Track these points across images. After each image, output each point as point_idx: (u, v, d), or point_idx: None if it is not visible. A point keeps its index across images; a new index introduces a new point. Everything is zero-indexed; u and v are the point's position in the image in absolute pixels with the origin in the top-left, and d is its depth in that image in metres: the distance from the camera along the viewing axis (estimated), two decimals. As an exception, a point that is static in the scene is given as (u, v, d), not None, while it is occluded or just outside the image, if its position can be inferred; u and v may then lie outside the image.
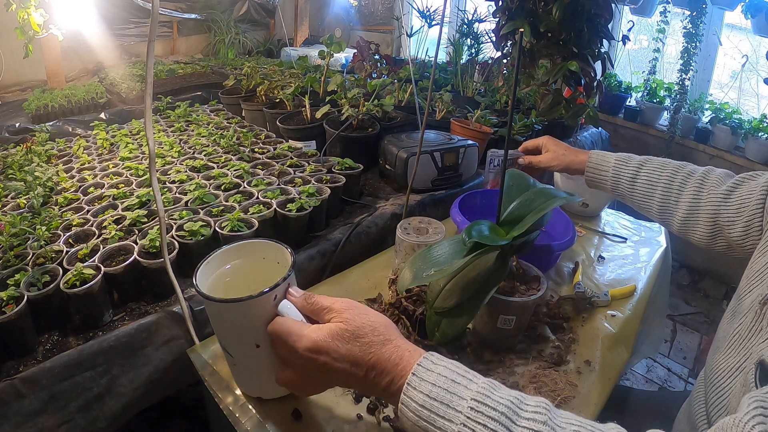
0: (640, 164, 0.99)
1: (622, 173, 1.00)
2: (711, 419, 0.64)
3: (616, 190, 1.02)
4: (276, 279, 0.59)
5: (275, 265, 0.67)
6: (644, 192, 0.97)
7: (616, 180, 1.01)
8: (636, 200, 0.99)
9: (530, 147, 1.15)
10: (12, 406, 0.72)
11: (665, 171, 0.95)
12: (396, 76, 2.01)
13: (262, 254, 0.69)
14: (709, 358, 0.70)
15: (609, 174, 1.01)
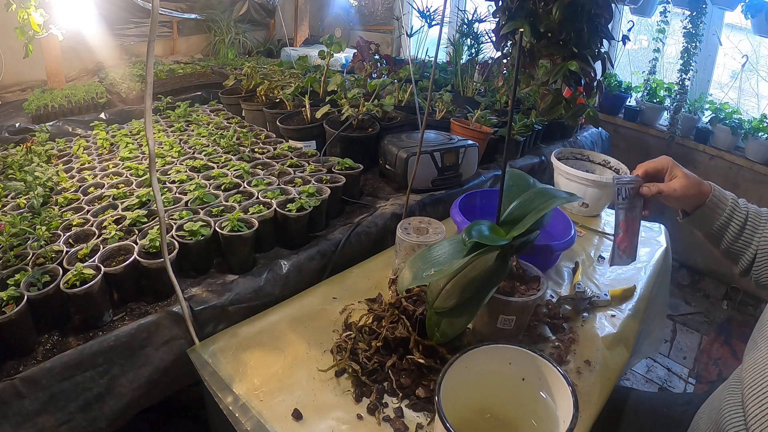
0: (746, 208, 0.90)
1: (735, 214, 0.88)
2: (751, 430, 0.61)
3: (716, 231, 0.90)
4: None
5: (519, 381, 0.55)
6: (745, 239, 0.87)
7: (728, 220, 0.88)
8: (731, 246, 0.89)
9: (651, 171, 0.90)
10: (12, 406, 0.72)
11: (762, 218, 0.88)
12: (396, 76, 2.00)
13: (508, 360, 0.57)
14: (747, 370, 0.66)
15: (725, 213, 0.88)
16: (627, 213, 0.90)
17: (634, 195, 0.90)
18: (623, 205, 0.90)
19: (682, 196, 0.88)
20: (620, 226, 0.91)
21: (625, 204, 0.90)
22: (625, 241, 0.91)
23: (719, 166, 2.62)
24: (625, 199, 0.90)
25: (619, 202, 0.90)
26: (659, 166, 0.91)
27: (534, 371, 0.54)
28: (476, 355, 0.56)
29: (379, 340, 0.80)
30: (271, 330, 0.90)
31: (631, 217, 0.91)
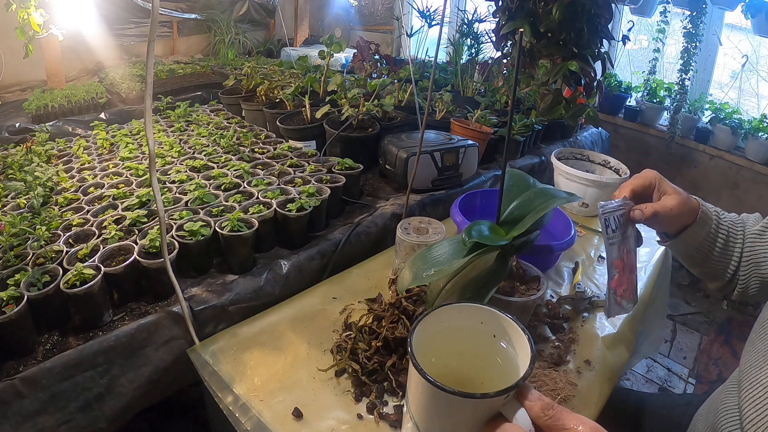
0: (726, 218, 0.83)
1: (721, 228, 0.80)
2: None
3: (703, 249, 0.81)
4: (506, 368, 0.53)
5: (490, 338, 0.59)
6: (728, 252, 0.81)
7: (714, 235, 0.80)
8: (717, 262, 0.81)
9: (638, 190, 0.78)
10: (12, 406, 0.72)
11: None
12: (396, 76, 2.00)
13: (480, 319, 0.60)
14: (744, 372, 0.65)
15: (712, 228, 0.80)
16: (620, 247, 0.73)
17: (624, 222, 0.74)
18: (615, 239, 0.73)
19: (677, 215, 0.77)
20: (614, 266, 0.73)
21: (617, 237, 0.73)
22: (623, 283, 0.74)
23: (719, 166, 2.62)
24: (615, 230, 0.73)
25: (610, 236, 0.72)
26: (646, 183, 0.78)
27: (501, 329, 0.59)
28: (450, 311, 0.59)
29: (379, 340, 0.80)
30: (271, 330, 0.90)
31: (626, 250, 0.75)
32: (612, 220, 0.73)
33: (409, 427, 0.55)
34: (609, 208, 0.73)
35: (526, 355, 0.53)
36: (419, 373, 0.49)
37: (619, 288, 0.75)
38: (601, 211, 0.72)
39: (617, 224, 0.73)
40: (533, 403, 0.48)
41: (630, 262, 0.76)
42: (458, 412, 0.50)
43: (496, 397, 0.48)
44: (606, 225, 0.72)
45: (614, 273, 0.74)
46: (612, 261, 0.74)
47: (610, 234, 0.73)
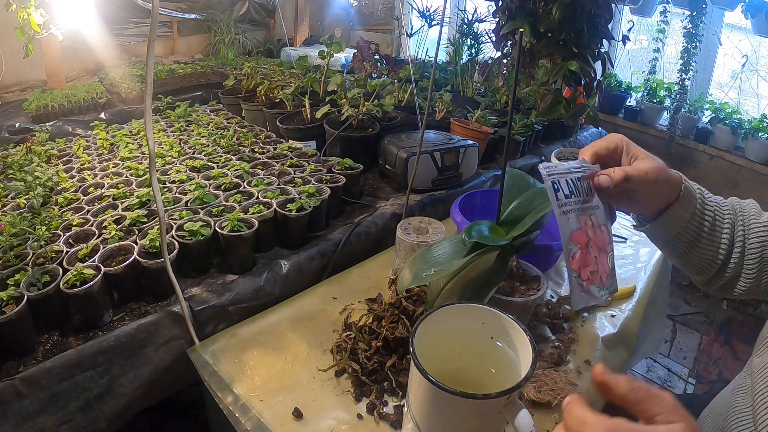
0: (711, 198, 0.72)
1: (707, 207, 0.69)
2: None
3: (690, 232, 0.69)
4: (504, 369, 0.54)
5: (491, 339, 0.58)
6: (715, 238, 0.70)
7: (700, 216, 0.68)
8: (701, 250, 0.70)
9: (602, 153, 0.65)
10: (12, 406, 0.72)
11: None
12: (396, 76, 2.00)
13: (481, 320, 0.59)
14: (758, 373, 0.63)
15: (697, 206, 0.68)
16: (579, 218, 0.59)
17: (587, 190, 0.61)
18: (570, 207, 0.59)
19: (653, 182, 0.63)
20: (573, 241, 0.58)
21: (572, 205, 0.59)
22: (590, 263, 0.60)
23: (719, 166, 2.62)
24: (569, 197, 0.59)
25: (561, 201, 0.58)
26: (611, 145, 0.66)
27: (502, 329, 0.58)
28: (451, 312, 0.59)
29: (379, 340, 0.80)
30: (271, 330, 0.90)
31: (591, 224, 0.61)
32: (564, 183, 0.59)
33: (410, 427, 0.56)
34: (557, 170, 0.59)
35: (527, 355, 0.53)
36: (421, 373, 0.49)
37: (583, 270, 0.59)
38: (545, 173, 0.58)
39: (572, 189, 0.60)
40: (617, 381, 0.45)
41: (599, 239, 0.62)
42: (460, 413, 0.50)
43: (498, 397, 0.48)
44: (555, 188, 0.58)
45: (574, 249, 0.58)
46: (569, 234, 0.58)
47: (562, 200, 0.58)
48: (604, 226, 0.64)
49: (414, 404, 0.54)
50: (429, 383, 0.49)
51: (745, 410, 0.65)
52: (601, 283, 0.63)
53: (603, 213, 0.64)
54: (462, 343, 0.61)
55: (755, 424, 0.60)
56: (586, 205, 0.61)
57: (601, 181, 0.62)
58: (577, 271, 0.60)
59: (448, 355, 0.61)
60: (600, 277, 0.62)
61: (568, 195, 0.59)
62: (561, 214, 0.59)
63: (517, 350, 0.56)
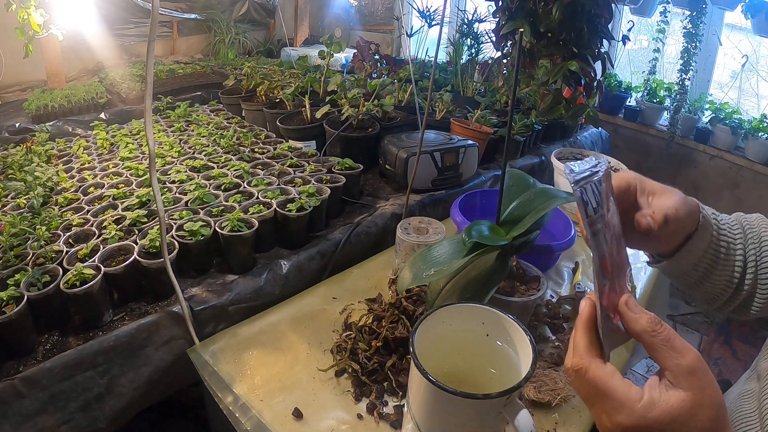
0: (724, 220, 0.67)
1: (722, 233, 0.64)
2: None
3: (703, 260, 0.63)
4: (503, 370, 0.54)
5: (492, 339, 0.58)
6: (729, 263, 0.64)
7: (716, 242, 0.63)
8: (716, 277, 0.64)
9: (617, 193, 0.56)
10: (12, 406, 0.72)
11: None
12: (396, 76, 2.00)
13: (481, 320, 0.59)
14: (764, 381, 0.61)
15: (713, 230, 0.63)
16: (606, 235, 0.45)
17: (605, 194, 0.46)
18: (601, 223, 0.44)
19: (683, 218, 0.58)
20: (603, 270, 0.44)
21: (599, 219, 0.44)
22: (615, 293, 0.45)
23: (719, 166, 2.62)
24: (598, 209, 0.44)
25: (593, 219, 0.43)
26: (623, 185, 0.58)
27: (502, 329, 0.58)
28: (451, 312, 0.59)
29: (379, 340, 0.80)
30: (271, 330, 0.90)
31: (612, 238, 0.46)
32: (591, 191, 0.43)
33: (410, 427, 0.56)
34: (583, 173, 0.44)
35: (527, 355, 0.53)
36: (421, 373, 0.49)
37: (611, 304, 0.45)
38: (572, 178, 0.43)
39: (598, 198, 0.44)
40: (638, 316, 0.42)
41: (618, 256, 0.47)
42: (460, 413, 0.50)
43: (499, 397, 0.48)
44: (585, 201, 0.42)
45: (605, 282, 0.44)
46: (599, 262, 0.43)
47: (592, 216, 0.43)
48: (619, 235, 0.49)
49: (414, 404, 0.54)
50: (429, 383, 0.49)
51: (751, 415, 0.65)
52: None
53: (618, 218, 0.49)
54: (462, 343, 0.61)
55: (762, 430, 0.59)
56: (608, 214, 0.46)
57: (643, 223, 0.55)
58: (609, 307, 0.45)
59: (448, 355, 0.61)
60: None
61: (597, 207, 0.44)
62: (593, 236, 0.43)
63: (517, 350, 0.56)
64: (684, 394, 0.39)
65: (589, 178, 0.44)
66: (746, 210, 0.76)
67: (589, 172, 0.45)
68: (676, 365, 0.40)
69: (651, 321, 0.41)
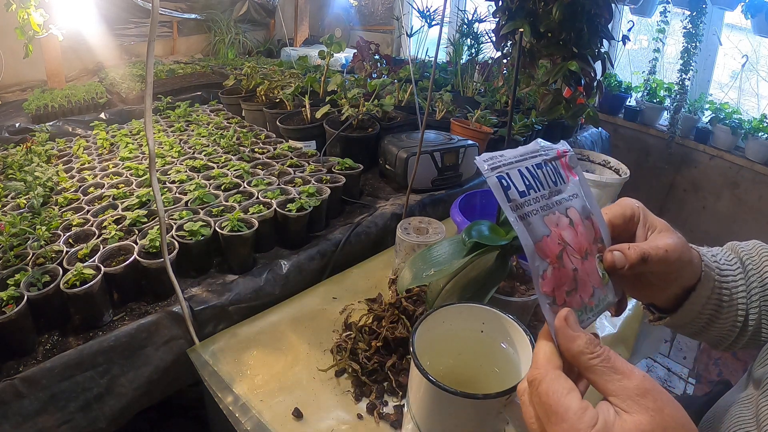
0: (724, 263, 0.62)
1: (723, 275, 0.58)
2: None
3: (705, 310, 0.58)
4: (503, 370, 0.54)
5: (492, 338, 0.58)
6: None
7: (718, 289, 0.58)
8: (721, 323, 0.59)
9: (618, 221, 0.53)
10: (12, 406, 0.72)
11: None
12: (396, 76, 2.00)
13: (481, 320, 0.58)
14: (764, 386, 0.60)
15: (714, 279, 0.58)
16: (549, 217, 0.44)
17: (553, 177, 0.47)
18: (533, 207, 0.44)
19: (673, 262, 0.50)
20: (540, 254, 0.43)
21: (535, 203, 0.44)
22: (566, 279, 0.44)
23: (719, 166, 2.62)
24: (526, 193, 0.44)
25: (518, 203, 0.43)
26: (627, 213, 0.53)
27: (502, 329, 0.57)
28: (451, 312, 0.59)
29: (379, 340, 0.80)
30: (271, 330, 0.90)
31: (566, 222, 0.45)
32: (517, 176, 0.44)
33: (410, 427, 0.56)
34: (503, 160, 0.44)
35: (527, 355, 0.53)
36: (421, 373, 0.49)
37: (558, 291, 0.43)
38: (486, 166, 0.43)
39: (531, 182, 0.44)
40: (577, 335, 0.38)
41: (583, 239, 0.46)
42: (460, 413, 0.50)
43: (498, 397, 0.47)
44: (503, 186, 0.43)
45: (542, 266, 0.43)
46: (533, 246, 0.43)
47: (516, 199, 0.43)
48: (590, 218, 0.48)
49: (414, 404, 0.54)
50: (429, 383, 0.49)
51: (748, 421, 0.65)
52: (581, 305, 0.45)
53: (586, 200, 0.48)
54: (462, 343, 0.61)
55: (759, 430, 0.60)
56: (556, 198, 0.46)
57: (615, 259, 0.48)
58: (551, 294, 0.43)
59: (448, 355, 0.61)
60: (579, 296, 0.45)
61: (525, 191, 0.44)
62: (517, 220, 0.43)
63: (517, 350, 0.56)
64: (640, 417, 0.34)
65: (515, 164, 0.45)
66: (746, 209, 0.75)
67: (516, 158, 0.46)
68: (621, 388, 0.35)
69: (589, 342, 0.38)
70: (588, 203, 0.49)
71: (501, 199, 0.43)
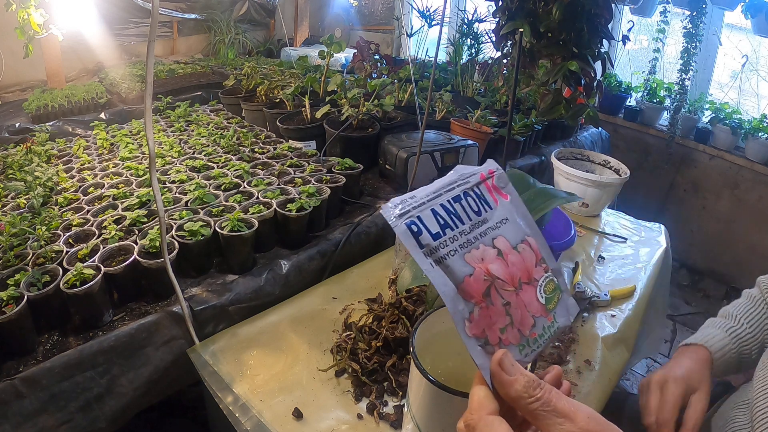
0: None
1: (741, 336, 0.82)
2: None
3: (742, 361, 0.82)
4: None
5: None
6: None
7: (736, 350, 0.82)
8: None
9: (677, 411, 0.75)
10: (12, 406, 0.72)
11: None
12: (396, 76, 2.00)
13: None
14: (758, 390, 0.65)
15: (724, 337, 0.82)
16: (471, 254, 0.41)
17: (477, 205, 0.43)
18: (451, 247, 0.41)
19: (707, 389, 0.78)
20: (464, 296, 0.40)
21: (454, 242, 0.41)
22: (497, 317, 0.41)
23: (719, 166, 2.62)
24: (441, 234, 0.41)
25: (432, 248, 0.40)
26: (683, 391, 0.78)
27: None
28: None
29: (379, 340, 0.80)
30: (271, 330, 0.90)
31: (493, 253, 0.42)
32: (429, 217, 0.40)
33: (410, 427, 0.56)
34: (413, 202, 0.41)
35: None
36: (421, 373, 0.49)
37: (490, 331, 0.40)
38: (393, 214, 0.40)
39: (448, 220, 0.41)
40: (513, 378, 0.36)
41: (517, 267, 0.42)
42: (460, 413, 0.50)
43: None
44: (414, 233, 0.39)
45: (467, 309, 0.39)
46: (453, 291, 0.39)
47: (431, 244, 0.40)
48: (526, 241, 0.44)
49: (414, 404, 0.54)
50: (429, 383, 0.49)
51: (744, 426, 0.65)
52: (521, 339, 0.41)
53: (517, 224, 0.44)
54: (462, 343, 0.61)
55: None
56: (480, 229, 0.42)
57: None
58: (482, 335, 0.40)
59: (448, 355, 0.61)
60: (518, 330, 0.41)
61: (440, 232, 0.40)
62: (433, 266, 0.40)
63: None
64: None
65: (428, 204, 0.41)
66: (746, 209, 0.78)
67: (430, 195, 0.42)
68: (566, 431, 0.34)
69: (528, 384, 0.35)
70: (523, 224, 0.45)
71: (411, 247, 0.39)
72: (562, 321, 0.44)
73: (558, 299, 0.44)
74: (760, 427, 0.60)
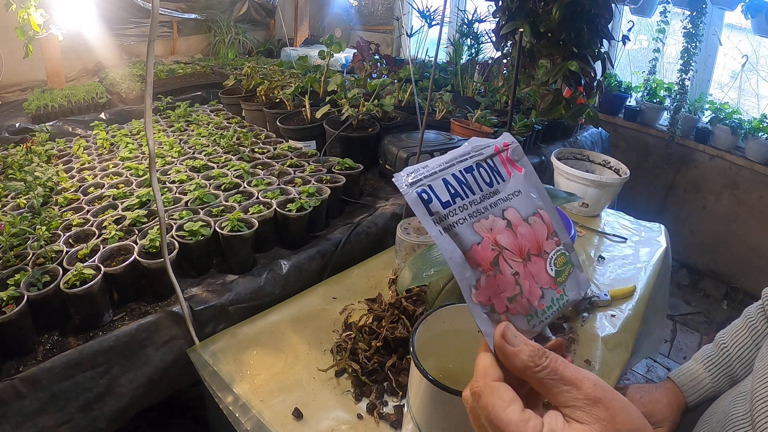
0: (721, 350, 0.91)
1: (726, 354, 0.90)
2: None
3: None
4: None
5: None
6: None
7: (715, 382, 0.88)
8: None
9: None
10: (12, 406, 0.72)
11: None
12: (396, 76, 2.00)
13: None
14: (758, 382, 0.65)
15: (708, 383, 0.88)
16: (480, 223, 0.41)
17: (489, 177, 0.44)
18: (460, 216, 0.41)
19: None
20: (471, 263, 0.40)
21: (462, 211, 0.41)
22: (506, 285, 0.41)
23: (719, 166, 2.62)
24: (451, 202, 0.41)
25: (441, 215, 0.40)
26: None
27: None
28: (451, 312, 0.58)
29: (379, 340, 0.80)
30: (271, 330, 0.90)
31: (503, 224, 0.42)
32: (441, 186, 0.41)
33: (410, 427, 0.56)
34: (425, 171, 0.41)
35: None
36: (421, 373, 0.49)
37: (496, 299, 0.40)
38: (405, 182, 0.40)
39: (458, 189, 0.41)
40: (518, 349, 0.36)
41: (528, 238, 0.43)
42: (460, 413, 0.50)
43: None
44: (424, 200, 0.39)
45: (474, 276, 0.39)
46: (460, 257, 0.39)
47: (440, 212, 0.40)
48: (538, 213, 0.45)
49: (414, 404, 0.54)
50: (429, 383, 0.49)
51: (743, 417, 0.65)
52: (529, 310, 0.41)
53: (530, 197, 0.45)
54: (462, 343, 0.61)
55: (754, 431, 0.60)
56: (490, 200, 0.43)
57: None
58: (487, 303, 0.40)
59: (448, 355, 0.61)
60: (527, 300, 0.41)
61: (450, 201, 0.40)
62: (441, 233, 0.39)
63: None
64: (590, 427, 0.33)
65: (439, 174, 0.42)
66: (746, 209, 0.78)
67: (442, 166, 0.42)
68: (571, 399, 0.34)
69: (533, 354, 0.36)
70: (536, 196, 0.46)
71: (421, 214, 0.39)
72: (573, 294, 0.45)
73: (569, 273, 0.45)
74: (760, 416, 0.60)
